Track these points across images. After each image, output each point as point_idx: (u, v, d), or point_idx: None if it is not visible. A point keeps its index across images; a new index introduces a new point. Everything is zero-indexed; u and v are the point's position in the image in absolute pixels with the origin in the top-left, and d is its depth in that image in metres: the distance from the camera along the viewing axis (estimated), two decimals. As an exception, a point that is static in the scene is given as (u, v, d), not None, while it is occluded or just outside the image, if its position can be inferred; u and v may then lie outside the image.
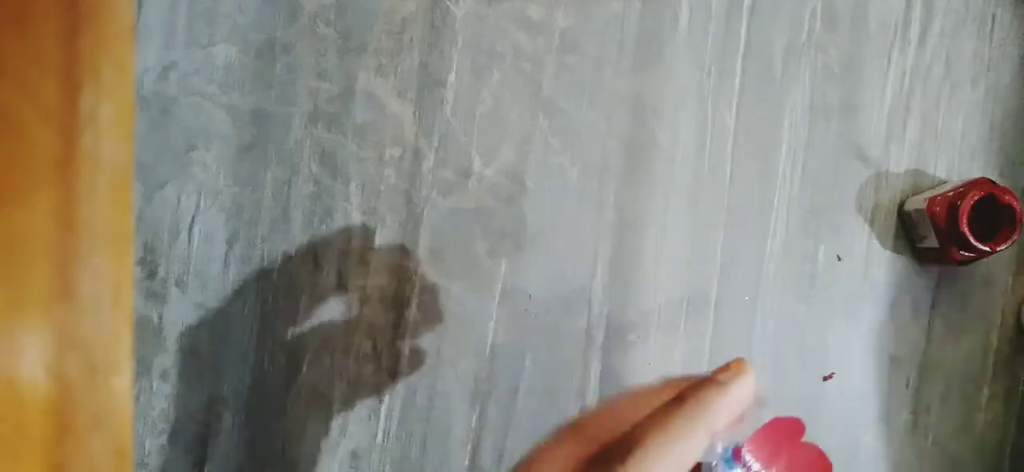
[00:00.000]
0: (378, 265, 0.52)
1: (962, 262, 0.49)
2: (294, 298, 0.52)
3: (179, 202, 0.52)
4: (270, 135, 0.52)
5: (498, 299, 0.52)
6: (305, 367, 0.52)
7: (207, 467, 0.52)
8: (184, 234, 0.52)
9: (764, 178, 0.52)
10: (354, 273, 0.52)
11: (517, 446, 0.52)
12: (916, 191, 0.52)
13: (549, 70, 0.52)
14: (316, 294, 0.52)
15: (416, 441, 0.52)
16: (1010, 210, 0.46)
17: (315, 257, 0.52)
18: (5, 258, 0.16)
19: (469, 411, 0.52)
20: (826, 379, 0.52)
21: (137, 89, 0.52)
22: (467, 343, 0.52)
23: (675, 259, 0.52)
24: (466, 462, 0.52)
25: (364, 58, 0.52)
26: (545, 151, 0.52)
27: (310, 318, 0.52)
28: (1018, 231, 0.46)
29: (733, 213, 0.52)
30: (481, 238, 0.52)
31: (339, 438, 0.52)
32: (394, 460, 0.52)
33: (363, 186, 0.52)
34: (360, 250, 0.52)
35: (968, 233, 0.46)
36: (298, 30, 0.52)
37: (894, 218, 0.52)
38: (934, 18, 0.52)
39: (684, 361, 0.52)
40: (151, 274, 0.52)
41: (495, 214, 0.52)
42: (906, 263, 0.52)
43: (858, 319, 0.52)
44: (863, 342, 0.52)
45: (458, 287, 0.52)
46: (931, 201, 0.48)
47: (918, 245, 0.51)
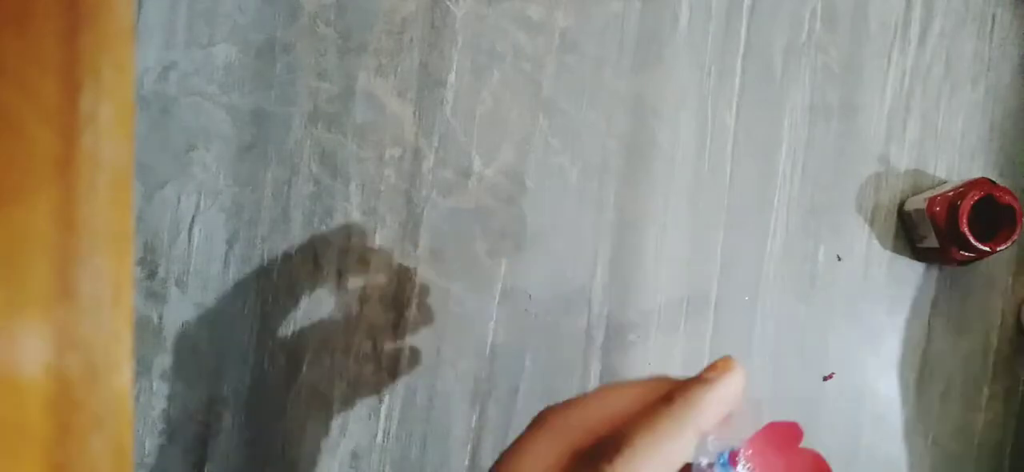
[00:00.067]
0: (378, 265, 0.52)
1: (962, 262, 0.49)
2: (294, 298, 0.52)
3: (179, 202, 0.52)
4: (270, 135, 0.52)
5: (498, 299, 0.52)
6: (305, 367, 0.52)
7: (207, 467, 0.52)
8: (184, 234, 0.52)
9: (764, 178, 0.52)
10: (354, 273, 0.52)
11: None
12: (916, 191, 0.52)
13: (549, 70, 0.52)
14: (316, 294, 0.52)
15: (416, 441, 0.52)
16: (1010, 210, 0.46)
17: (315, 257, 0.52)
18: (5, 258, 0.16)
19: (469, 411, 0.52)
20: (826, 379, 0.52)
21: (137, 89, 0.52)
22: (467, 343, 0.52)
23: (675, 259, 0.52)
24: (466, 462, 0.52)
25: (364, 58, 0.52)
26: (545, 151, 0.52)
27: (310, 318, 0.52)
28: (1018, 231, 0.46)
29: (733, 213, 0.52)
30: (481, 238, 0.52)
31: (339, 438, 0.52)
32: (394, 460, 0.52)
33: (363, 186, 0.52)
34: (360, 250, 0.52)
35: (968, 233, 0.46)
36: (298, 30, 0.52)
37: (894, 218, 0.52)
38: (934, 18, 0.52)
39: (684, 361, 0.52)
40: (151, 274, 0.52)
41: (495, 214, 0.52)
42: (906, 263, 0.52)
43: (858, 319, 0.52)
44: (863, 342, 0.52)
45: (458, 287, 0.52)
46: (931, 201, 0.48)
47: (918, 245, 0.51)
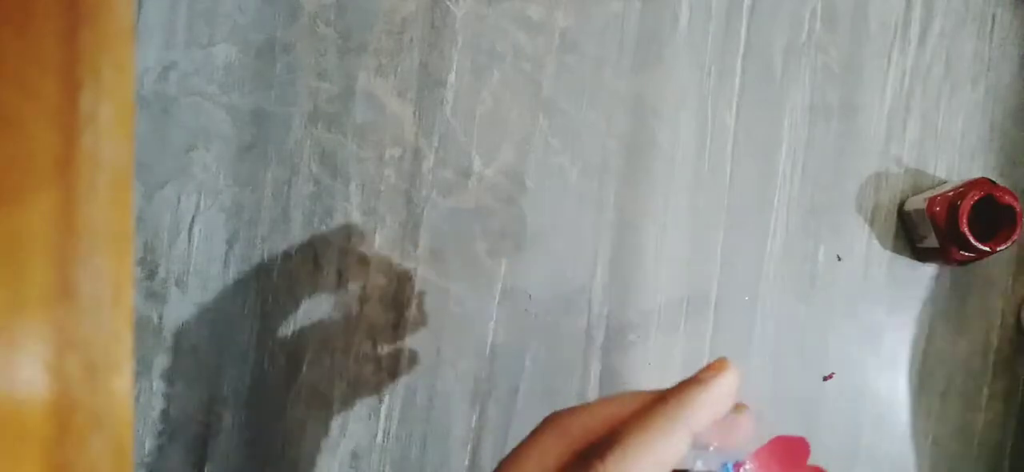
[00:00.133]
0: (378, 265, 0.52)
1: (962, 262, 0.49)
2: (294, 298, 0.52)
3: (179, 202, 0.52)
4: (270, 135, 0.52)
5: (498, 299, 0.52)
6: (305, 367, 0.52)
7: (207, 467, 0.52)
8: (184, 234, 0.52)
9: (764, 178, 0.52)
10: (354, 273, 0.52)
11: (517, 446, 0.52)
12: (916, 191, 0.52)
13: (549, 70, 0.52)
14: (316, 294, 0.52)
15: (416, 441, 0.52)
16: (1010, 210, 0.46)
17: (315, 257, 0.52)
18: (5, 258, 0.16)
19: (469, 411, 0.52)
20: (826, 379, 0.52)
21: (137, 89, 0.52)
22: (467, 343, 0.52)
23: (675, 259, 0.52)
24: (466, 462, 0.52)
25: (364, 58, 0.52)
26: (545, 151, 0.52)
27: (310, 318, 0.52)
28: (1018, 231, 0.46)
29: (733, 213, 0.52)
30: (481, 238, 0.52)
31: (339, 438, 0.52)
32: (394, 460, 0.52)
33: (363, 186, 0.52)
34: (360, 250, 0.52)
35: (968, 233, 0.46)
36: (298, 30, 0.52)
37: (894, 218, 0.52)
38: (934, 18, 0.52)
39: (684, 361, 0.52)
40: (151, 274, 0.52)
41: (495, 214, 0.52)
42: (906, 263, 0.52)
43: (858, 319, 0.52)
44: (863, 342, 0.52)
45: (458, 287, 0.52)
46: (931, 201, 0.48)
47: (918, 245, 0.51)
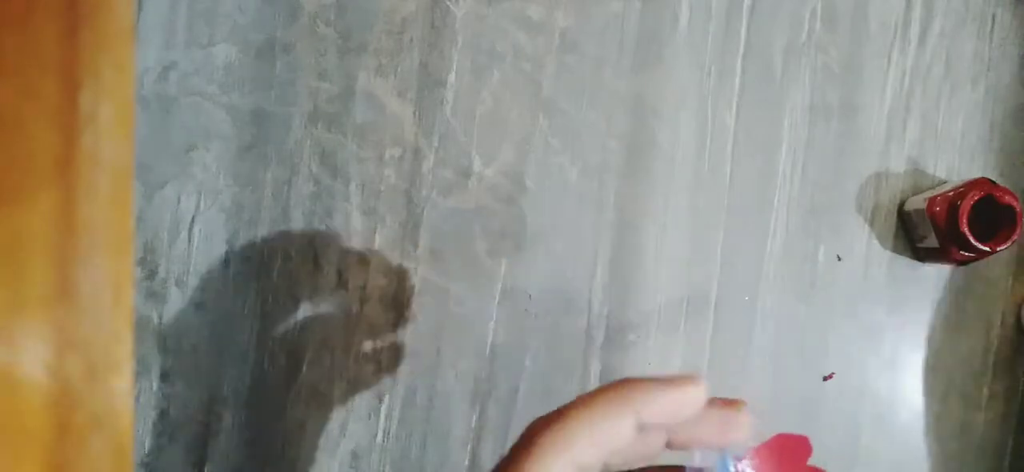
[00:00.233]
0: (378, 265, 0.52)
1: (962, 262, 0.49)
2: (294, 298, 0.52)
3: (179, 202, 0.52)
4: (270, 135, 0.52)
5: (498, 299, 0.52)
6: (305, 367, 0.52)
7: (207, 467, 0.52)
8: (184, 234, 0.52)
9: (764, 178, 0.52)
10: (354, 273, 0.52)
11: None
12: (916, 191, 0.52)
13: (549, 70, 0.52)
14: (316, 294, 0.52)
15: (416, 441, 0.52)
16: (1010, 210, 0.46)
17: (315, 257, 0.52)
18: (5, 258, 0.16)
19: (469, 411, 0.52)
20: (826, 379, 0.52)
21: (137, 89, 0.52)
22: (467, 343, 0.52)
23: (675, 259, 0.52)
24: (466, 462, 0.52)
25: (364, 58, 0.52)
26: (545, 151, 0.52)
27: (310, 318, 0.52)
28: (1018, 231, 0.46)
29: (733, 213, 0.52)
30: (481, 238, 0.52)
31: (339, 438, 0.52)
32: (394, 460, 0.52)
33: (363, 186, 0.52)
34: (360, 250, 0.52)
35: (968, 233, 0.46)
36: (298, 30, 0.52)
37: (894, 218, 0.52)
38: (934, 18, 0.52)
39: (684, 361, 0.52)
40: (151, 274, 0.52)
41: (495, 214, 0.52)
42: (906, 263, 0.52)
43: (858, 319, 0.52)
44: (863, 342, 0.52)
45: (458, 287, 0.52)
46: (931, 201, 0.48)
47: (918, 245, 0.51)
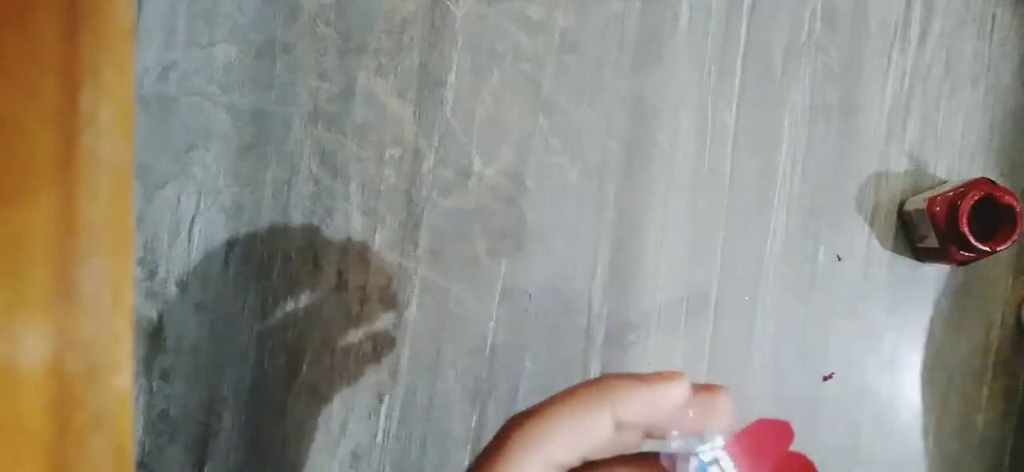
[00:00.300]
0: (378, 265, 0.52)
1: (962, 262, 0.49)
2: (294, 298, 0.52)
3: (179, 202, 0.52)
4: (270, 135, 0.52)
5: (498, 299, 0.52)
6: (305, 367, 0.52)
7: (207, 467, 0.52)
8: (184, 234, 0.52)
9: (764, 178, 0.52)
10: (354, 273, 0.52)
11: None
12: (916, 191, 0.52)
13: (549, 70, 0.52)
14: (316, 294, 0.52)
15: (416, 441, 0.52)
16: (1010, 210, 0.46)
17: (315, 257, 0.52)
18: (5, 258, 0.16)
19: (469, 411, 0.52)
20: (826, 379, 0.52)
21: (137, 89, 0.52)
22: (467, 343, 0.52)
23: (675, 259, 0.52)
24: (466, 462, 0.52)
25: (364, 58, 0.52)
26: (545, 151, 0.52)
27: (310, 318, 0.52)
28: (1018, 231, 0.46)
29: (733, 213, 0.52)
30: (481, 238, 0.52)
31: (339, 438, 0.52)
32: (394, 460, 0.52)
33: (363, 186, 0.52)
34: (360, 250, 0.52)
35: (968, 233, 0.46)
36: (298, 30, 0.52)
37: (894, 218, 0.52)
38: (934, 18, 0.52)
39: (684, 361, 0.52)
40: (151, 274, 0.52)
41: (495, 214, 0.52)
42: (906, 263, 0.52)
43: (858, 319, 0.52)
44: (863, 342, 0.52)
45: (458, 287, 0.52)
46: (931, 201, 0.48)
47: (918, 245, 0.51)
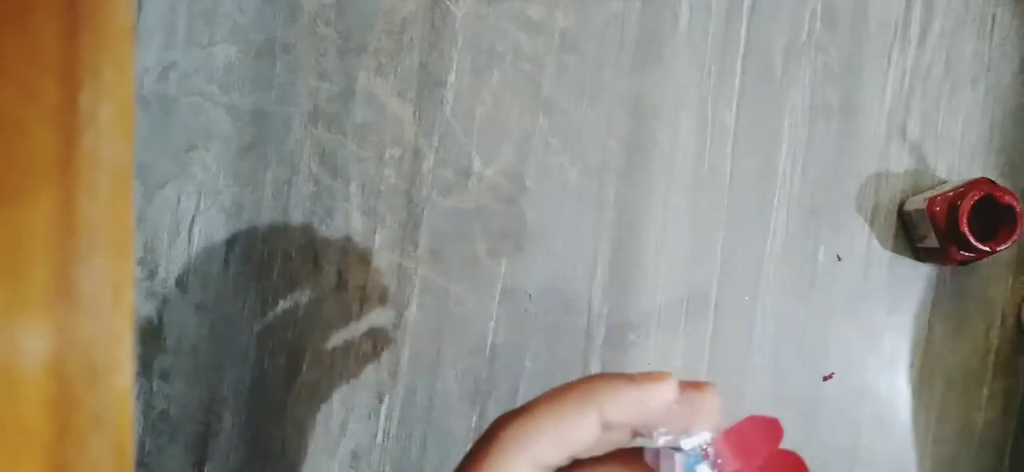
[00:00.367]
0: (378, 265, 0.52)
1: (962, 262, 0.49)
2: (294, 298, 0.52)
3: (179, 202, 0.52)
4: (270, 135, 0.52)
5: (498, 299, 0.52)
6: (305, 367, 0.52)
7: (207, 467, 0.52)
8: (184, 234, 0.52)
9: (764, 178, 0.52)
10: (354, 273, 0.52)
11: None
12: (916, 191, 0.52)
13: (549, 70, 0.52)
14: (316, 294, 0.52)
15: (416, 441, 0.52)
16: (1010, 210, 0.46)
17: (315, 257, 0.52)
18: (5, 258, 0.16)
19: (469, 411, 0.52)
20: (826, 379, 0.52)
21: (137, 89, 0.52)
22: (467, 343, 0.52)
23: (675, 259, 0.52)
24: (466, 462, 0.52)
25: (364, 58, 0.52)
26: (545, 151, 0.52)
27: (310, 318, 0.52)
28: (1018, 231, 0.46)
29: (733, 213, 0.52)
30: (481, 238, 0.52)
31: (339, 438, 0.52)
32: (394, 460, 0.52)
33: (363, 186, 0.52)
34: (360, 250, 0.52)
35: (968, 233, 0.46)
36: (298, 30, 0.52)
37: (894, 218, 0.52)
38: (934, 18, 0.52)
39: (684, 361, 0.52)
40: (151, 274, 0.52)
41: (495, 214, 0.52)
42: (906, 263, 0.52)
43: (858, 319, 0.52)
44: (863, 342, 0.52)
45: (458, 287, 0.52)
46: (931, 201, 0.48)
47: (918, 245, 0.51)
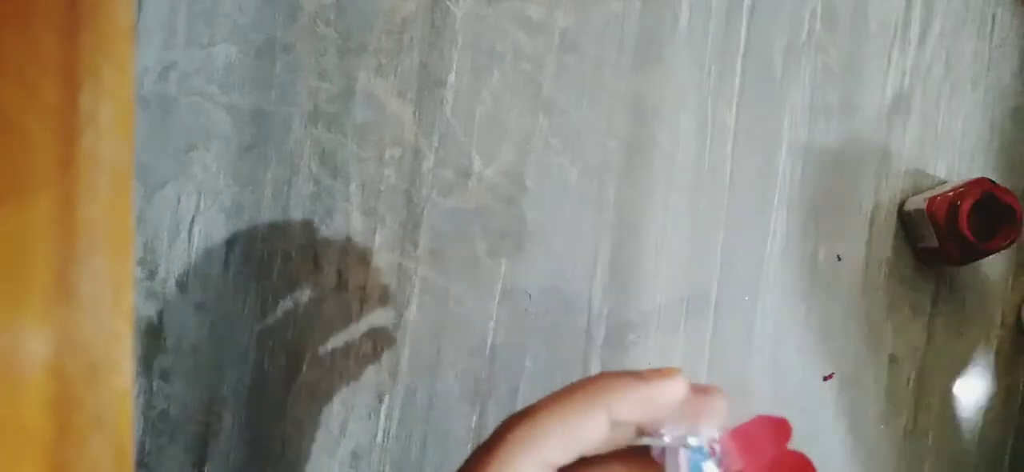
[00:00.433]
0: (378, 265, 0.52)
1: (962, 262, 0.49)
2: (294, 298, 0.52)
3: (179, 202, 0.52)
4: (270, 135, 0.52)
5: (498, 299, 0.52)
6: (305, 367, 0.52)
7: (207, 467, 0.52)
8: (184, 234, 0.52)
9: (764, 178, 0.52)
10: (354, 273, 0.52)
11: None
12: (916, 191, 0.52)
13: (549, 70, 0.52)
14: (316, 294, 0.52)
15: (416, 441, 0.52)
16: (1010, 210, 0.46)
17: (315, 257, 0.52)
18: (5, 258, 0.16)
19: (469, 411, 0.52)
20: (826, 379, 0.52)
21: (137, 89, 0.51)
22: (467, 343, 0.52)
23: (675, 259, 0.52)
24: (466, 462, 0.52)
25: (364, 58, 0.52)
26: (545, 151, 0.52)
27: (310, 318, 0.52)
28: (1018, 231, 0.46)
29: (733, 213, 0.52)
30: (481, 238, 0.52)
31: (339, 438, 0.52)
32: (394, 460, 0.52)
33: (363, 186, 0.52)
34: (360, 250, 0.52)
35: (968, 233, 0.46)
36: (298, 30, 0.52)
37: (894, 218, 0.52)
38: (934, 18, 0.52)
39: (684, 361, 0.52)
40: (151, 274, 0.52)
41: (495, 214, 0.52)
42: (906, 263, 0.52)
43: (858, 319, 0.52)
44: (863, 342, 0.52)
45: (458, 287, 0.52)
46: (931, 201, 0.48)
47: (918, 245, 0.51)
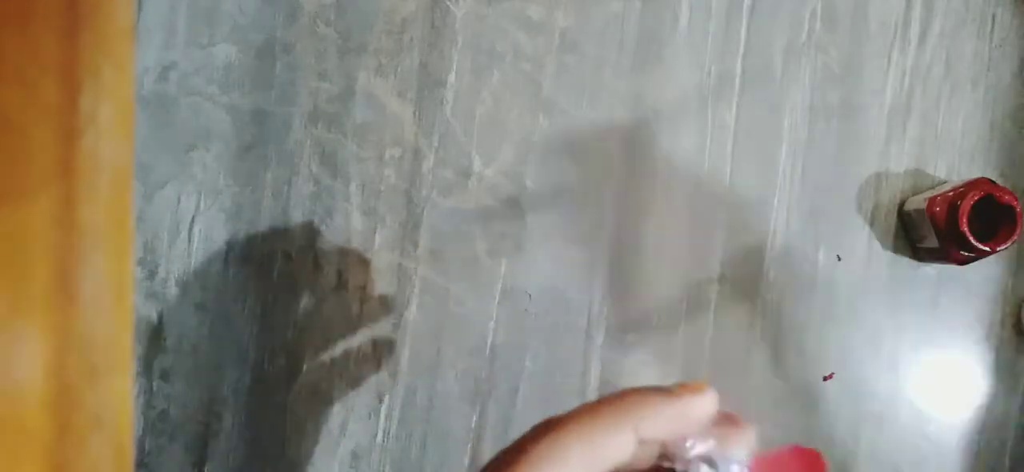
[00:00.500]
0: (378, 265, 0.52)
1: (962, 262, 0.49)
2: (294, 298, 0.52)
3: (179, 202, 0.52)
4: (270, 135, 0.52)
5: (498, 299, 0.52)
6: (305, 367, 0.52)
7: (207, 467, 0.52)
8: (184, 234, 0.52)
9: (764, 178, 0.52)
10: (354, 273, 0.52)
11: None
12: (916, 191, 0.52)
13: (549, 70, 0.52)
14: (316, 294, 0.52)
15: (416, 441, 0.52)
16: (1010, 210, 0.46)
17: (315, 257, 0.52)
18: (5, 258, 0.16)
19: (469, 411, 0.52)
20: (826, 379, 0.52)
21: (137, 89, 0.52)
22: (467, 343, 0.52)
23: (675, 259, 0.52)
24: (466, 462, 0.52)
25: (364, 58, 0.52)
26: (545, 151, 0.52)
27: (310, 318, 0.52)
28: (1018, 231, 0.46)
29: (733, 213, 0.52)
30: (481, 238, 0.52)
31: (339, 438, 0.52)
32: (394, 460, 0.52)
33: (363, 186, 0.52)
34: (360, 250, 0.52)
35: (968, 233, 0.46)
36: (298, 30, 0.52)
37: (894, 218, 0.52)
38: (934, 18, 0.52)
39: (684, 361, 0.52)
40: (151, 274, 0.52)
41: (495, 214, 0.52)
42: (906, 263, 0.52)
43: (858, 319, 0.52)
44: (863, 342, 0.52)
45: (458, 287, 0.52)
46: (931, 201, 0.48)
47: (918, 245, 0.51)
